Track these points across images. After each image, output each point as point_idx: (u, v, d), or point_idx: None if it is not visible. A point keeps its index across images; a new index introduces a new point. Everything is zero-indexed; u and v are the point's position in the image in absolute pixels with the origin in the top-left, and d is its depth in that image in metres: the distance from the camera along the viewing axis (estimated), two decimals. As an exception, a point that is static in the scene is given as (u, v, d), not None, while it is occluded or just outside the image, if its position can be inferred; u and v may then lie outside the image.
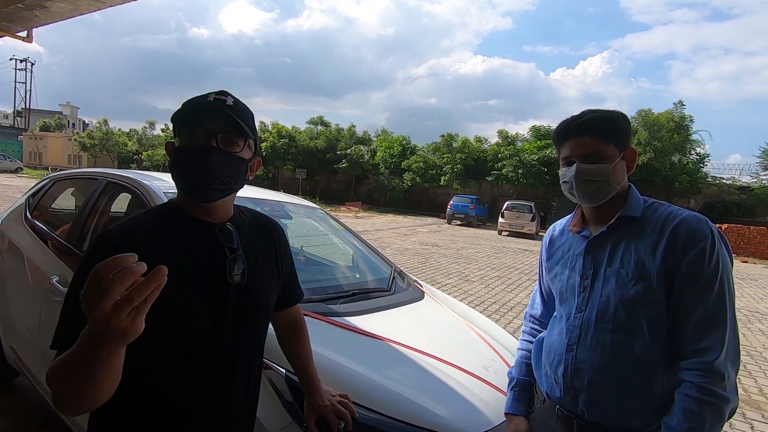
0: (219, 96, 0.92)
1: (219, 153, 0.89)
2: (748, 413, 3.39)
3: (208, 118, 0.89)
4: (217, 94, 0.92)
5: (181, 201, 0.96)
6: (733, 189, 20.42)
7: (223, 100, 0.91)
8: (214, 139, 0.89)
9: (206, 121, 0.89)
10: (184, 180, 0.91)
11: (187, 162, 0.89)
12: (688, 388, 0.99)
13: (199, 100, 0.91)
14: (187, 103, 0.92)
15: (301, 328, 1.25)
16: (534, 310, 1.45)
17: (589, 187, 1.11)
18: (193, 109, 0.90)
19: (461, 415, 1.38)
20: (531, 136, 24.59)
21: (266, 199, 2.45)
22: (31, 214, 2.72)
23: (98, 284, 0.59)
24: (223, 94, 0.93)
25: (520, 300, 6.39)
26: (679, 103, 20.01)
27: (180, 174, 0.91)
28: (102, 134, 36.67)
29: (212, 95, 0.92)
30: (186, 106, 0.91)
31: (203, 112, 0.90)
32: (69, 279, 1.99)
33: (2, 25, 4.19)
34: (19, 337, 2.39)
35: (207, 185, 0.90)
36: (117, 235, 0.87)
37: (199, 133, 0.89)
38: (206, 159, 0.88)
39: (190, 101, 0.92)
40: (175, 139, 0.93)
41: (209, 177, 0.89)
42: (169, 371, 0.90)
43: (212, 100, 0.90)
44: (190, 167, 0.89)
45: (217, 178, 0.90)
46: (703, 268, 1.01)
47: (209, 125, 0.89)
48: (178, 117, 0.90)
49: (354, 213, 21.61)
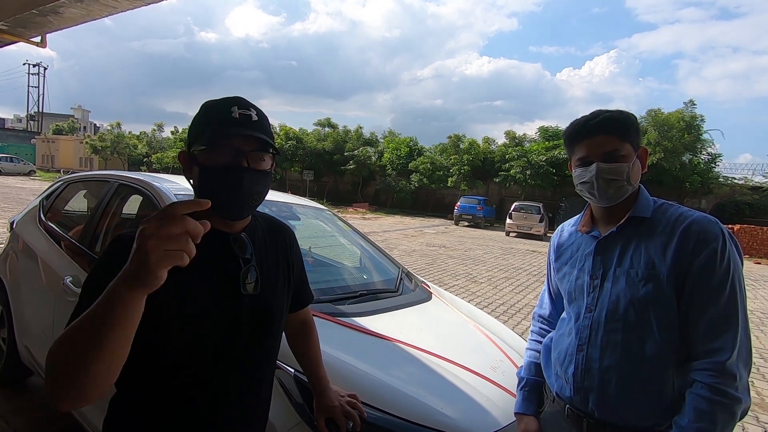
0: (243, 111, 0.88)
1: (251, 173, 0.87)
2: (761, 417, 3.34)
3: (236, 136, 0.86)
4: (240, 106, 0.88)
5: None
6: (746, 189, 20.12)
7: (249, 116, 0.88)
8: (243, 158, 0.86)
9: (235, 139, 0.86)
10: (217, 201, 0.86)
11: (220, 183, 0.87)
12: (699, 388, 0.98)
13: (223, 115, 0.87)
14: (209, 113, 0.89)
15: (311, 328, 1.26)
16: (543, 311, 1.45)
17: (611, 186, 1.10)
18: (220, 126, 0.86)
19: (469, 416, 1.38)
20: (539, 136, 24.45)
21: (274, 200, 2.47)
22: (44, 215, 2.77)
23: (166, 217, 0.62)
24: (245, 106, 0.89)
25: (528, 302, 6.36)
26: (690, 102, 19.80)
27: (212, 194, 0.85)
28: (113, 137, 37.15)
29: (235, 109, 0.88)
30: (207, 118, 0.88)
31: (231, 130, 0.86)
32: (82, 280, 2.03)
33: (17, 31, 4.27)
34: (33, 336, 2.43)
35: (242, 206, 0.89)
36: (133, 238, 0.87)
37: (228, 151, 0.86)
38: (240, 181, 0.86)
39: (211, 113, 0.89)
40: (196, 148, 0.88)
41: (244, 198, 0.88)
42: (182, 380, 0.90)
43: (238, 116, 0.87)
44: (223, 188, 0.87)
45: (251, 197, 0.89)
46: (715, 269, 1.00)
47: (238, 143, 0.86)
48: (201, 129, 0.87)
49: (361, 214, 21.64)
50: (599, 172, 1.10)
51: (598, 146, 1.11)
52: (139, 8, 3.62)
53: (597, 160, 1.10)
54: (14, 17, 3.82)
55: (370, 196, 29.40)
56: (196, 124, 0.91)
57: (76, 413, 1.97)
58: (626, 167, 1.09)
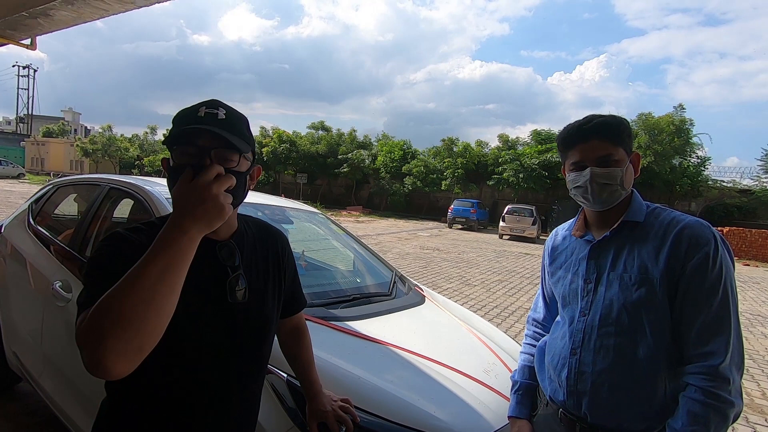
0: (210, 109, 0.86)
1: None
2: (751, 417, 3.37)
3: (198, 134, 0.83)
4: (208, 106, 0.86)
5: None
6: (734, 192, 20.40)
7: (215, 114, 0.86)
8: (207, 156, 0.83)
9: (198, 138, 0.83)
10: None
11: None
12: (693, 391, 0.99)
13: (189, 116, 0.86)
14: (178, 117, 0.87)
15: (303, 333, 1.25)
16: (536, 314, 1.45)
17: (604, 190, 1.11)
18: (184, 125, 0.85)
19: (462, 419, 1.37)
20: (531, 140, 24.61)
21: (267, 204, 2.46)
22: (34, 219, 2.73)
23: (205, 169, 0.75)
24: (215, 105, 0.87)
25: (521, 304, 6.38)
26: (680, 106, 20.03)
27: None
28: (105, 140, 36.83)
29: (203, 108, 0.86)
30: (177, 121, 0.87)
31: (194, 129, 0.84)
32: (71, 284, 2.01)
33: (6, 33, 4.22)
34: (21, 342, 2.39)
35: None
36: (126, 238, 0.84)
37: (191, 150, 0.83)
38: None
39: (181, 116, 0.87)
40: (170, 156, 0.88)
41: None
42: (172, 386, 0.89)
43: (203, 115, 0.85)
44: None
45: None
46: (707, 272, 1.01)
47: (201, 142, 0.83)
48: (172, 132, 0.85)
49: (355, 217, 21.61)
50: (593, 177, 1.10)
51: (591, 151, 1.11)
52: (130, 11, 3.60)
53: (591, 165, 1.11)
54: (3, 19, 3.78)
55: (364, 199, 29.39)
56: (171, 129, 0.89)
57: (63, 418, 1.94)
58: (620, 171, 1.10)
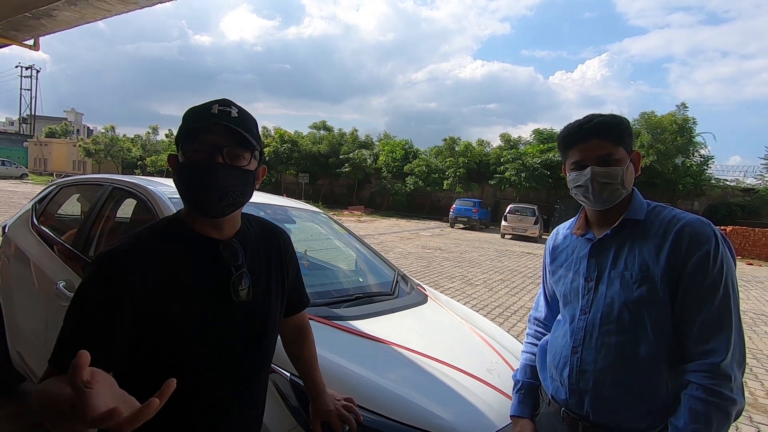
0: (223, 107, 0.87)
1: (226, 168, 0.86)
2: (755, 416, 3.36)
3: (212, 131, 0.85)
4: (221, 104, 0.87)
5: (188, 214, 0.93)
6: (738, 191, 20.33)
7: (228, 112, 0.86)
8: (219, 153, 0.85)
9: (211, 135, 0.85)
10: (193, 197, 0.88)
11: (194, 179, 0.86)
12: (694, 389, 0.99)
13: (202, 112, 0.86)
14: (190, 114, 0.88)
15: (306, 332, 1.25)
16: (538, 313, 1.45)
17: (605, 190, 1.11)
18: (197, 122, 0.85)
19: (465, 418, 1.38)
20: (533, 139, 24.57)
21: (269, 203, 2.46)
22: (37, 219, 2.74)
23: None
24: (227, 104, 0.88)
25: (523, 303, 6.37)
26: (682, 105, 20.02)
27: (187, 191, 0.88)
28: (108, 140, 36.97)
29: (215, 106, 0.87)
30: (188, 117, 0.87)
31: (207, 124, 0.85)
32: (75, 284, 2.01)
33: (9, 34, 4.24)
34: (26, 341, 2.40)
35: (217, 202, 0.87)
36: (120, 255, 0.83)
37: (204, 147, 0.85)
38: (214, 175, 0.85)
39: (192, 112, 0.88)
40: (179, 152, 0.89)
41: (218, 193, 0.86)
42: (176, 387, 0.90)
43: (216, 112, 0.85)
44: (197, 184, 0.86)
45: (227, 193, 0.86)
46: (708, 270, 1.01)
47: (214, 139, 0.85)
48: (183, 129, 0.86)
49: (357, 217, 21.62)
50: (594, 176, 1.11)
51: (592, 150, 1.12)
52: (132, 11, 3.61)
53: (591, 164, 1.11)
54: (7, 20, 3.80)
55: (366, 198, 29.39)
56: (181, 125, 0.90)
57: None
58: (620, 171, 1.10)
